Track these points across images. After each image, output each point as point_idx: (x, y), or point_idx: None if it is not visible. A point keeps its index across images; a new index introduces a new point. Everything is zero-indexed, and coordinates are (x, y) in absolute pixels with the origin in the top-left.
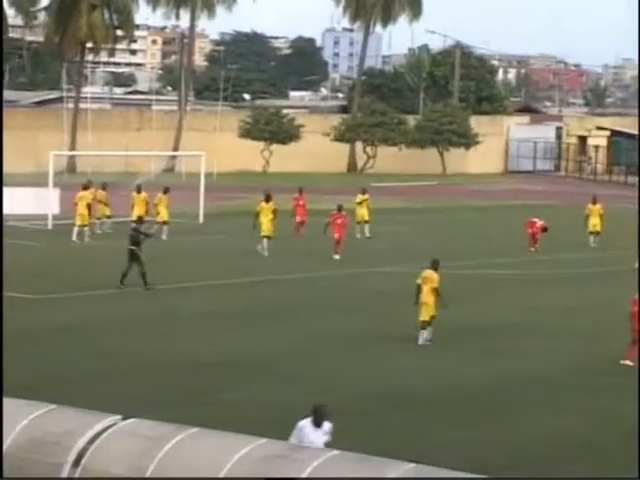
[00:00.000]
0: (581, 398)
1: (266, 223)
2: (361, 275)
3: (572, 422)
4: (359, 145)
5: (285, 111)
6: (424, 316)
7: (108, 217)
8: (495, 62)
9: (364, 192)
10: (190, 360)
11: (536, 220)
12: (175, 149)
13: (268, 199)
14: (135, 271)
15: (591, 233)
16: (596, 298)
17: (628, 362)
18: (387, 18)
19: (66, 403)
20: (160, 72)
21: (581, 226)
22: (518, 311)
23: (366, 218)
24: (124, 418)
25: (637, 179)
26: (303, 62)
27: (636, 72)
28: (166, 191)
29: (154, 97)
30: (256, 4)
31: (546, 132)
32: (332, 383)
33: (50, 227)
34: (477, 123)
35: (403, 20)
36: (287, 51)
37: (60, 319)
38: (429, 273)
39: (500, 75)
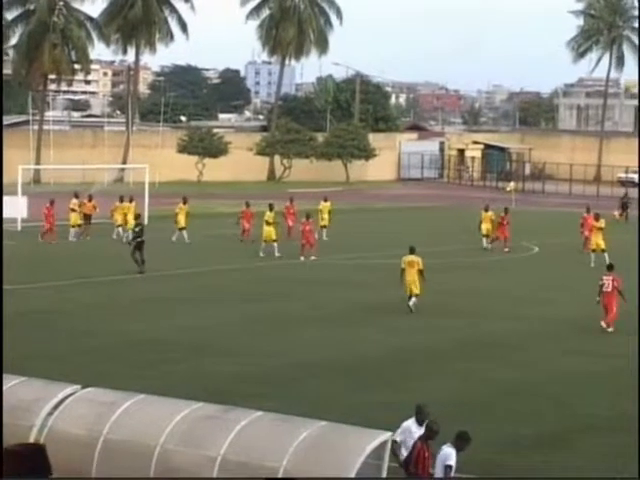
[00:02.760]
0: (462, 365)
1: (268, 230)
2: (297, 265)
3: (456, 384)
4: (277, 158)
5: (215, 130)
6: (408, 291)
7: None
8: (389, 88)
9: (326, 200)
10: (140, 337)
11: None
12: (124, 163)
13: (271, 208)
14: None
15: (484, 236)
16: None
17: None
18: (299, 53)
19: (38, 376)
20: (110, 99)
21: (474, 226)
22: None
23: (326, 223)
24: (83, 387)
25: (505, 184)
26: (230, 89)
27: (505, 96)
28: (185, 201)
29: (106, 120)
30: (189, 42)
31: (431, 146)
32: (263, 356)
33: (19, 229)
34: (374, 139)
35: (313, 54)
36: (216, 80)
37: (34, 306)
38: (412, 257)
39: (393, 99)
